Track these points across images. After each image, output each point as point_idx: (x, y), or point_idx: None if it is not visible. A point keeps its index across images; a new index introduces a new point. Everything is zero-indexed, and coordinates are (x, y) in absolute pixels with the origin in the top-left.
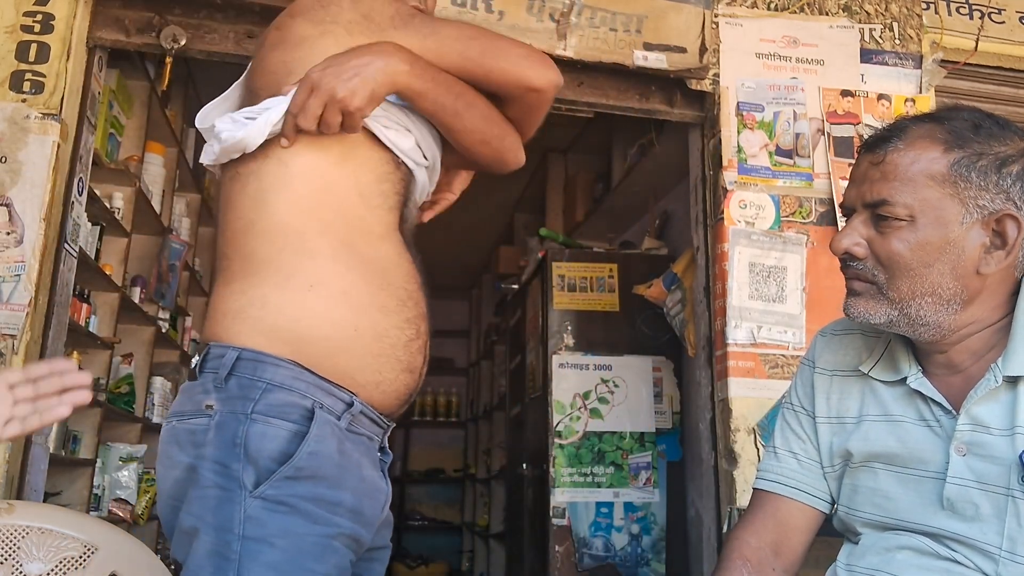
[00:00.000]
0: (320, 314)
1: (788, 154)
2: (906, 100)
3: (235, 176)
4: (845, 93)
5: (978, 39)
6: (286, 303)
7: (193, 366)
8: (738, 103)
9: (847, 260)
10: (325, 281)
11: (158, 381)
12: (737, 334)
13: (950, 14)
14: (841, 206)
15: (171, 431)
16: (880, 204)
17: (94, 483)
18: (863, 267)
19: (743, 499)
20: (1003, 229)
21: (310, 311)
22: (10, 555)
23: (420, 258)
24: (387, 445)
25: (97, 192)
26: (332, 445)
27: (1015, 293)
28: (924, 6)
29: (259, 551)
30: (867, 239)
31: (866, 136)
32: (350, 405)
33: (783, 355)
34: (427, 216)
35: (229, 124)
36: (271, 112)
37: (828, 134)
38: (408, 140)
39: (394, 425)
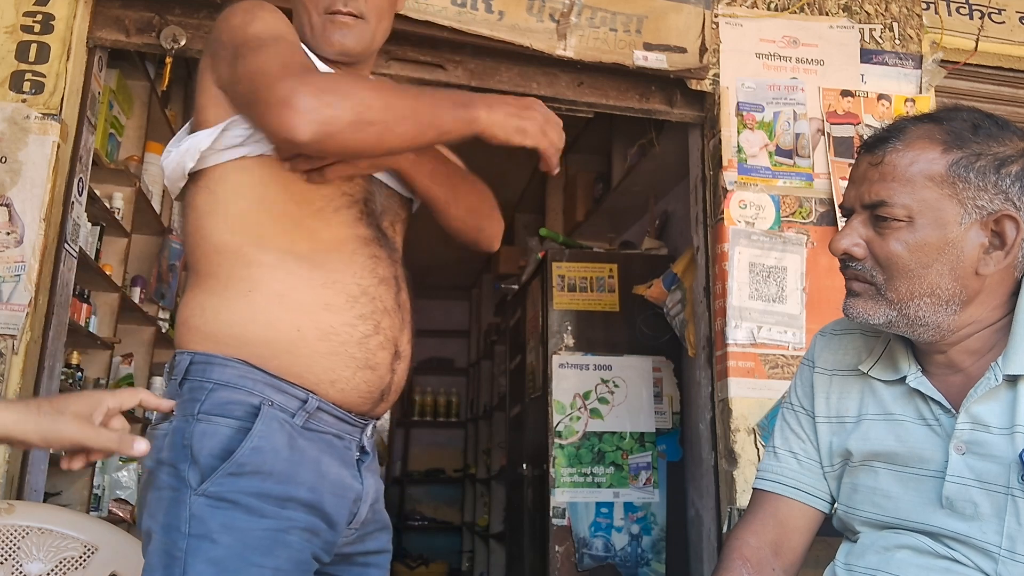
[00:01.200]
0: (258, 317)
1: (788, 154)
2: (906, 100)
3: (184, 205)
4: (845, 93)
5: (978, 39)
6: (223, 308)
7: (164, 375)
8: (738, 103)
9: (846, 261)
10: (261, 286)
11: (158, 381)
12: (737, 334)
13: (950, 14)
14: (841, 207)
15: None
16: (879, 205)
17: (94, 483)
18: (862, 268)
19: (743, 499)
20: (1002, 229)
21: (248, 315)
22: (10, 555)
23: (398, 253)
24: (366, 445)
25: (97, 192)
26: (281, 440)
27: (1015, 293)
28: (924, 6)
29: (202, 547)
30: (866, 240)
31: (866, 136)
32: (304, 402)
33: (783, 355)
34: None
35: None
36: (185, 143)
37: (828, 134)
38: None
39: (375, 422)
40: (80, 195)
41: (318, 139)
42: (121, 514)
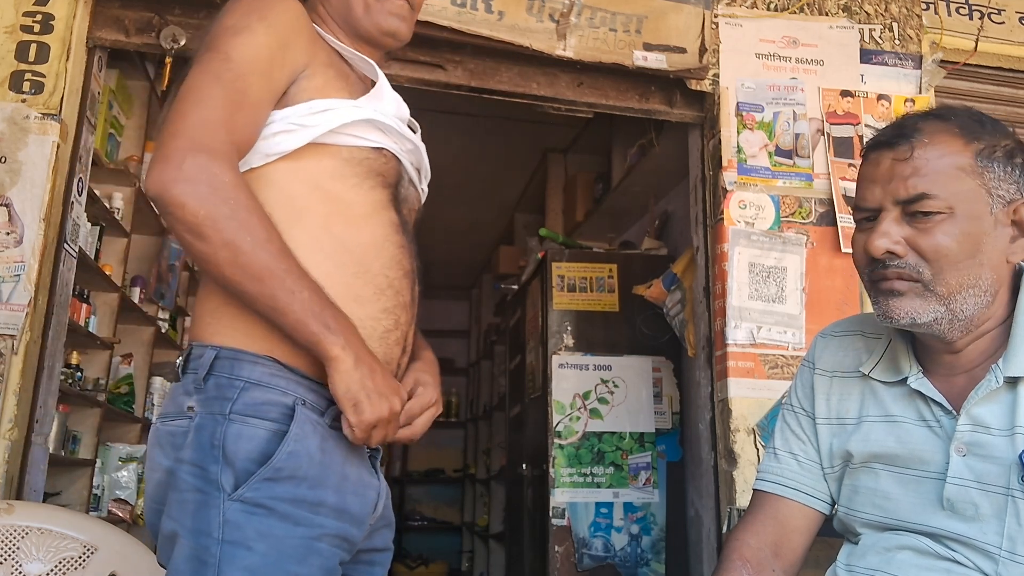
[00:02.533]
0: None
1: (788, 154)
2: (906, 100)
3: None
4: (845, 93)
5: (978, 39)
6: None
7: (176, 367)
8: (738, 103)
9: (885, 261)
10: None
11: (158, 381)
12: (737, 334)
13: (950, 14)
14: (858, 208)
15: (155, 433)
16: (918, 199)
17: (94, 483)
18: (906, 265)
19: (743, 499)
20: (1020, 218)
21: None
22: (10, 555)
23: (415, 244)
24: None
25: (97, 192)
26: (313, 444)
27: (1014, 293)
28: (924, 6)
29: (238, 555)
30: (905, 237)
31: (866, 137)
32: (333, 401)
33: (783, 355)
34: None
35: None
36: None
37: (828, 134)
38: (376, 134)
39: None
40: (80, 195)
41: (161, 207)
42: (121, 514)
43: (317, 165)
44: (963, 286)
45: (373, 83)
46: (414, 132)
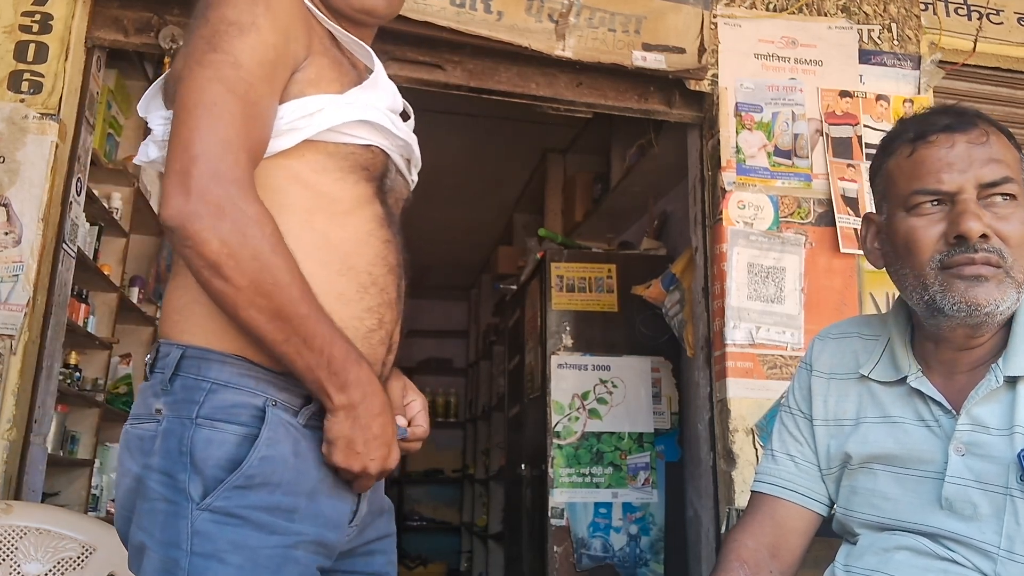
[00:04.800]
0: None
1: (787, 155)
2: (904, 101)
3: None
4: (844, 94)
5: (976, 40)
6: None
7: (146, 365)
8: (737, 103)
9: (975, 245)
10: None
11: None
12: (736, 335)
13: (948, 15)
14: (922, 192)
15: (125, 436)
16: (1003, 182)
17: (92, 483)
18: (993, 250)
19: (741, 500)
20: None
21: None
22: (8, 555)
23: (401, 236)
24: None
25: (95, 192)
26: (286, 447)
27: None
28: (922, 7)
29: (210, 568)
30: (988, 221)
31: (868, 137)
32: (308, 400)
33: (781, 355)
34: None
35: (152, 148)
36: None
37: (827, 135)
38: (366, 130)
39: None
40: (78, 195)
41: (179, 239)
42: None
43: (299, 159)
44: None
45: (367, 69)
46: (408, 117)
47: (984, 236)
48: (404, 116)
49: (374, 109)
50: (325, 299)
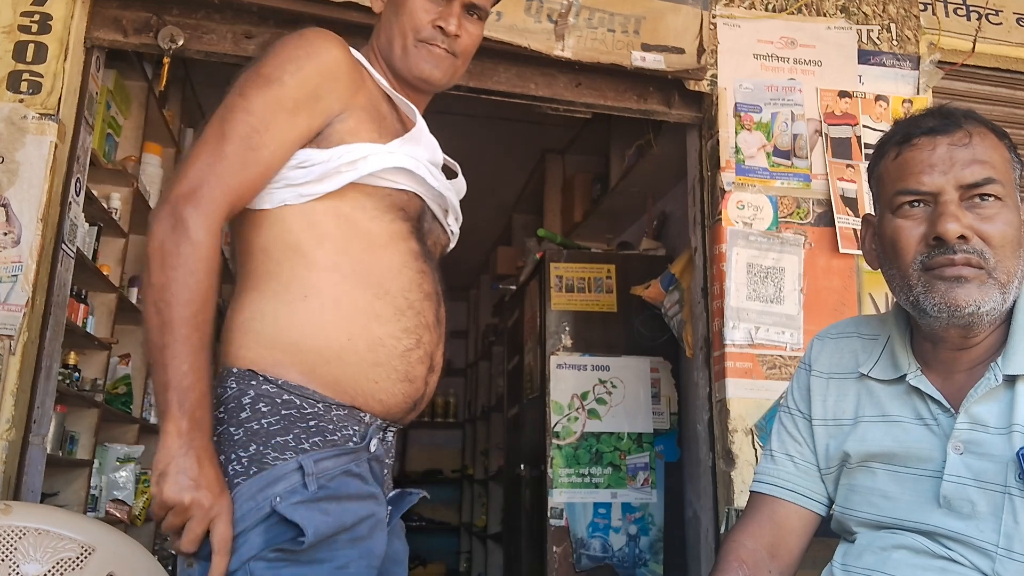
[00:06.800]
0: (312, 321)
1: (786, 155)
2: (903, 101)
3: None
4: (843, 94)
5: (975, 40)
6: (282, 312)
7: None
8: (736, 104)
9: (954, 246)
10: (318, 291)
11: None
12: (735, 335)
13: (947, 15)
14: (905, 193)
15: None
16: (985, 183)
17: (91, 484)
18: (973, 251)
19: (741, 500)
20: None
21: (304, 319)
22: (7, 556)
23: (439, 272)
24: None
25: (94, 192)
26: (325, 519)
27: None
28: (921, 7)
29: None
30: (968, 223)
31: (867, 137)
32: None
33: (781, 356)
34: None
35: None
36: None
37: (826, 135)
38: (404, 177)
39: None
40: (77, 195)
41: (148, 228)
42: (118, 515)
43: (342, 199)
44: (1012, 276)
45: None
46: (455, 174)
47: (963, 237)
48: (451, 173)
49: (413, 159)
50: (363, 318)
